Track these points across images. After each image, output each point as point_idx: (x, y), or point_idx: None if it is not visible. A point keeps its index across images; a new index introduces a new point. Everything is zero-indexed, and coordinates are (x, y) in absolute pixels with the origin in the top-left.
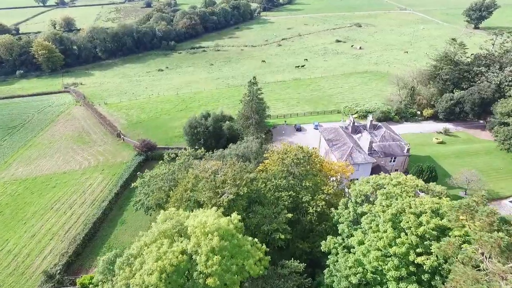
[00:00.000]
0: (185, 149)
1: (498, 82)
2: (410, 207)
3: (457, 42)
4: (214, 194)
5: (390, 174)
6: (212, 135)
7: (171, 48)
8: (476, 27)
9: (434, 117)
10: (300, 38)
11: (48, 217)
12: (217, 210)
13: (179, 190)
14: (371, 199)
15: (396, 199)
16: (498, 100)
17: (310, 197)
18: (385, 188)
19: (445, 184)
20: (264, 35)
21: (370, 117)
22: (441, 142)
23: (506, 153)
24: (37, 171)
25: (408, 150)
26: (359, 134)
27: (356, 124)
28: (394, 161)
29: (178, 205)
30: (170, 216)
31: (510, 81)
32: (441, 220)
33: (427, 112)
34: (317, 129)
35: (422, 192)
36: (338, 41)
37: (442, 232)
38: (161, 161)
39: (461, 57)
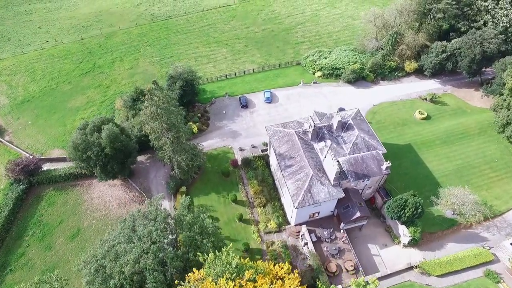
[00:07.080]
0: None
1: (508, 25)
2: None
3: None
4: None
5: None
6: (112, 157)
7: None
8: None
9: (418, 71)
10: None
11: None
12: None
13: None
14: None
15: None
16: (505, 55)
17: None
18: None
19: (430, 204)
20: None
21: (337, 117)
22: (426, 118)
23: (501, 135)
24: None
25: (387, 168)
26: (322, 143)
27: (318, 125)
28: (368, 180)
29: None
30: None
31: None
32: None
33: (410, 66)
34: (269, 102)
35: None
36: None
37: None
38: None
39: None
